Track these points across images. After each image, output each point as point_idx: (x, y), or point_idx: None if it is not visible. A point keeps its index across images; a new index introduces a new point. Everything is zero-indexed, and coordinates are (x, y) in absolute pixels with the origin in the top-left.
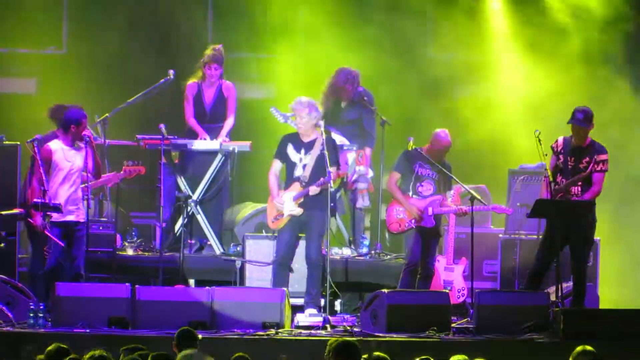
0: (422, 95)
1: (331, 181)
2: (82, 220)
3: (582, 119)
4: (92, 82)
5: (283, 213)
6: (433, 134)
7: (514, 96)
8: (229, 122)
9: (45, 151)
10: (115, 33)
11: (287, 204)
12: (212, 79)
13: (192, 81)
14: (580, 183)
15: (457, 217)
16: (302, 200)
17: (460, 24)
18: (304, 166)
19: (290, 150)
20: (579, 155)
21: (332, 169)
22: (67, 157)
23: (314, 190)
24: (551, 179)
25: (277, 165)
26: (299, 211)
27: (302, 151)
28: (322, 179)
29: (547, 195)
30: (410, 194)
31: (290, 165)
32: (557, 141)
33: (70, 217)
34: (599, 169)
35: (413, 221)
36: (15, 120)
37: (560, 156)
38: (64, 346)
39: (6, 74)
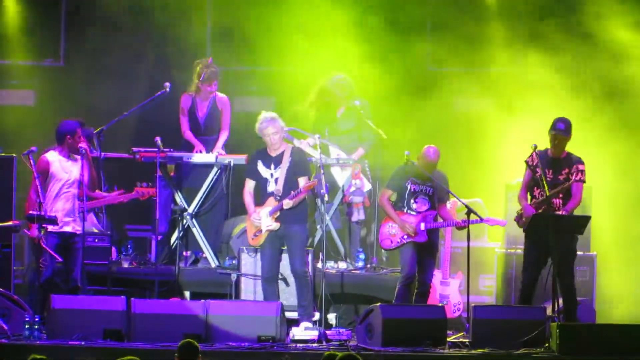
0: (420, 109)
1: (327, 193)
2: (78, 232)
3: (563, 129)
4: (89, 94)
5: (261, 229)
6: (423, 149)
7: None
8: (223, 135)
9: (42, 162)
10: (112, 46)
11: (263, 219)
12: (210, 95)
13: (185, 94)
14: (560, 195)
15: (458, 230)
16: (278, 214)
17: (460, 37)
18: (276, 180)
19: (260, 166)
20: (557, 167)
21: (301, 179)
22: (64, 168)
23: (287, 203)
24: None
25: (250, 184)
26: (275, 226)
27: (272, 166)
28: (292, 192)
29: (531, 211)
30: (405, 210)
31: (262, 182)
32: (531, 156)
33: (67, 229)
34: (578, 178)
35: (405, 236)
36: (14, 132)
37: (537, 169)
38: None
39: (5, 86)
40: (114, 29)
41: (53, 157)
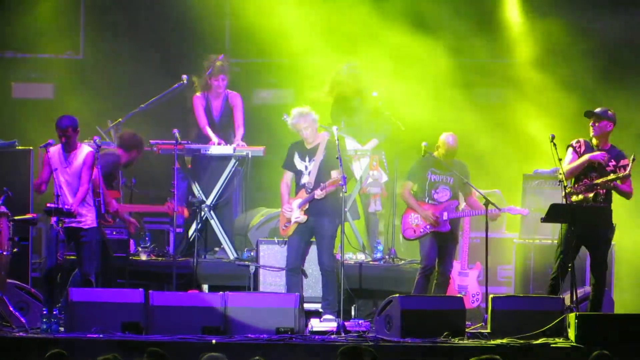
0: (439, 100)
1: (344, 185)
2: (86, 227)
3: (599, 113)
4: (108, 87)
5: (291, 220)
6: (441, 138)
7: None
8: (239, 132)
9: (45, 157)
10: (131, 38)
11: (294, 211)
12: (219, 89)
13: (198, 93)
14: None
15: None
16: (307, 207)
17: (476, 28)
18: (310, 173)
19: (296, 158)
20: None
21: (334, 172)
22: (58, 162)
23: (319, 194)
24: (564, 177)
25: (287, 175)
26: (303, 218)
27: (307, 158)
28: (321, 183)
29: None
30: (427, 200)
31: (297, 174)
32: (579, 141)
33: (73, 224)
34: (628, 172)
35: (428, 226)
36: (34, 125)
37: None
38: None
39: (24, 79)
40: (133, 22)
41: (55, 152)
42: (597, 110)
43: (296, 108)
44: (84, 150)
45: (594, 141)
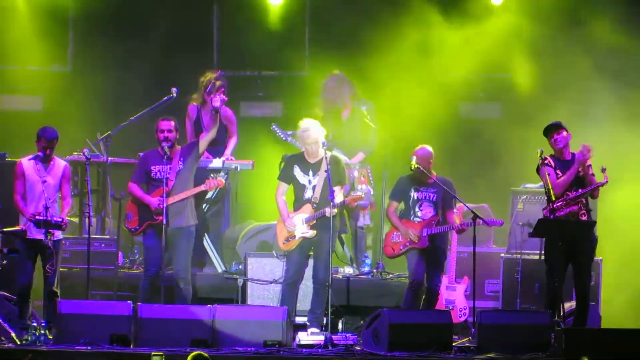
0: (426, 113)
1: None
2: (54, 240)
3: (560, 124)
4: (96, 99)
5: (295, 235)
6: (419, 151)
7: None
8: (232, 142)
9: (18, 167)
10: (119, 51)
11: (298, 226)
12: (216, 106)
13: (192, 104)
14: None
15: (458, 233)
16: (314, 222)
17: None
18: (314, 188)
19: (298, 172)
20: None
21: (336, 188)
22: (37, 174)
23: (329, 212)
24: (552, 193)
25: (284, 187)
26: (312, 233)
27: (310, 172)
28: (337, 202)
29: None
30: (412, 218)
31: (299, 188)
32: (546, 157)
33: (40, 236)
34: (591, 173)
35: (408, 243)
36: (22, 137)
37: (558, 171)
38: None
39: (12, 91)
40: (120, 35)
41: (27, 163)
42: (553, 123)
43: (305, 121)
44: (61, 163)
45: (558, 153)
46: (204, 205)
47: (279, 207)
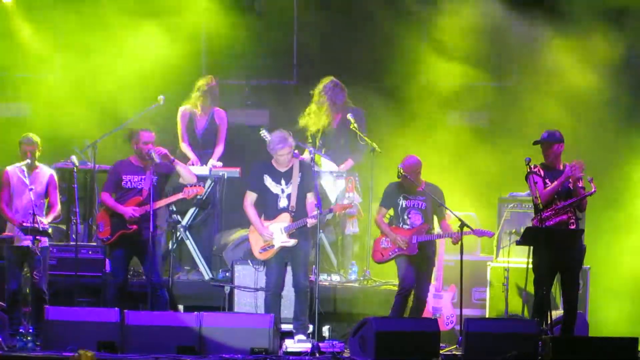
0: (413, 122)
1: (320, 207)
2: (40, 246)
3: (546, 137)
4: (84, 106)
5: (272, 244)
6: (408, 161)
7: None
8: (219, 149)
9: (3, 176)
10: (106, 59)
11: (277, 235)
12: (207, 110)
13: (185, 106)
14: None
15: (453, 244)
16: (294, 231)
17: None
18: (288, 196)
19: (269, 181)
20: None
21: (309, 195)
22: (22, 182)
23: (311, 222)
24: (541, 202)
25: (252, 197)
26: (293, 242)
27: (282, 181)
28: (324, 210)
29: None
30: (401, 225)
31: (271, 197)
32: (536, 166)
33: (27, 243)
34: (581, 186)
35: (397, 249)
36: (9, 144)
37: (547, 180)
38: None
39: (1, 98)
40: (108, 43)
41: (13, 171)
42: (545, 135)
43: (277, 133)
44: (47, 170)
45: (549, 163)
46: (190, 213)
47: (250, 217)
